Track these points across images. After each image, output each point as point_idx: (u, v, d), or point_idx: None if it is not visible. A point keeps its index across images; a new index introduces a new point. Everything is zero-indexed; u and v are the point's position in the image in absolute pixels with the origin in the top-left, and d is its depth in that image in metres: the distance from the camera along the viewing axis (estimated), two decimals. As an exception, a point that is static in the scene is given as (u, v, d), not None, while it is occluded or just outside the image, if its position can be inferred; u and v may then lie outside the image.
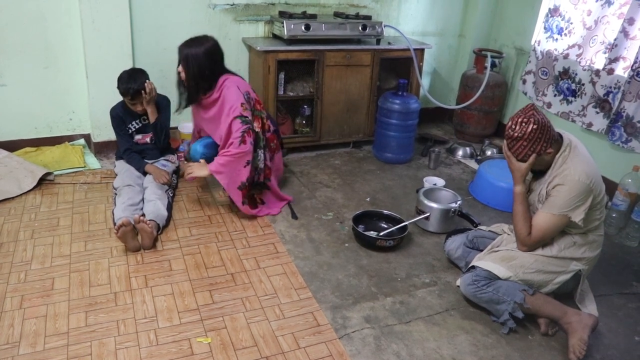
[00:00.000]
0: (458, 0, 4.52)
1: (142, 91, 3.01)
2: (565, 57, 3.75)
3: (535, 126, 2.11)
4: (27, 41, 3.35)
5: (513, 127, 2.16)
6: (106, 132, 3.53)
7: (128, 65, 3.42)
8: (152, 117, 3.14)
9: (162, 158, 3.30)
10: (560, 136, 2.22)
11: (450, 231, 2.78)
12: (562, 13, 3.76)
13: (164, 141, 3.29)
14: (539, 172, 2.27)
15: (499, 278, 2.23)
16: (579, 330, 2.13)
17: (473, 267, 2.34)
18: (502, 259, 2.29)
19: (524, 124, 2.13)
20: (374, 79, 3.93)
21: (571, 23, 3.70)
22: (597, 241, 2.29)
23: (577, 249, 2.26)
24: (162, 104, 3.20)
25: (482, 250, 2.48)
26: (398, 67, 4.16)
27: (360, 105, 4.00)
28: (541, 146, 2.14)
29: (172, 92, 3.61)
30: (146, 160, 3.19)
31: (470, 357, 2.10)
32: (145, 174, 3.12)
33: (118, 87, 3.05)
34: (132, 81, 3.01)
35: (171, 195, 3.09)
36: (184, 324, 2.16)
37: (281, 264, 2.61)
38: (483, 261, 2.32)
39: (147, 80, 3.03)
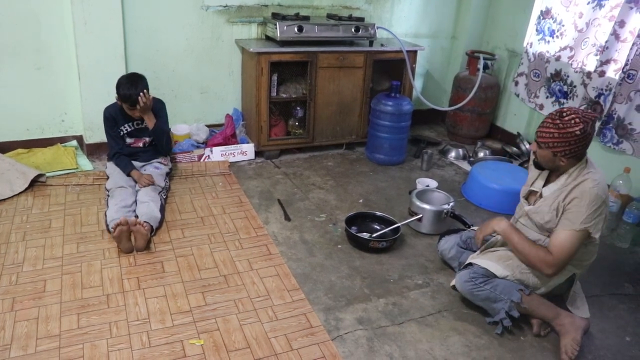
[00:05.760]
0: (451, 2, 4.55)
1: (139, 100, 2.97)
2: (557, 59, 3.77)
3: (578, 132, 1.99)
4: (20, 42, 3.33)
5: (562, 115, 2.02)
6: (99, 134, 3.51)
7: (121, 68, 3.42)
8: (150, 123, 3.12)
9: (155, 160, 3.28)
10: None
11: (444, 231, 2.79)
12: (554, 15, 3.78)
13: (167, 145, 3.26)
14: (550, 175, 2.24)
15: (495, 276, 2.24)
16: (571, 332, 2.15)
17: (469, 264, 2.34)
18: (499, 258, 2.30)
19: (573, 121, 2.00)
20: (366, 80, 3.94)
21: (563, 25, 3.72)
22: (594, 250, 2.29)
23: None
24: (157, 107, 3.18)
25: (475, 252, 2.49)
26: (391, 68, 4.17)
27: (353, 107, 4.00)
28: (562, 150, 2.05)
29: (165, 94, 3.62)
30: (139, 163, 3.17)
31: (462, 358, 2.11)
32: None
33: (118, 92, 3.01)
34: (133, 87, 2.97)
35: (164, 197, 3.08)
36: (177, 326, 2.16)
37: (274, 266, 2.61)
38: (480, 259, 2.32)
39: (143, 92, 2.98)
